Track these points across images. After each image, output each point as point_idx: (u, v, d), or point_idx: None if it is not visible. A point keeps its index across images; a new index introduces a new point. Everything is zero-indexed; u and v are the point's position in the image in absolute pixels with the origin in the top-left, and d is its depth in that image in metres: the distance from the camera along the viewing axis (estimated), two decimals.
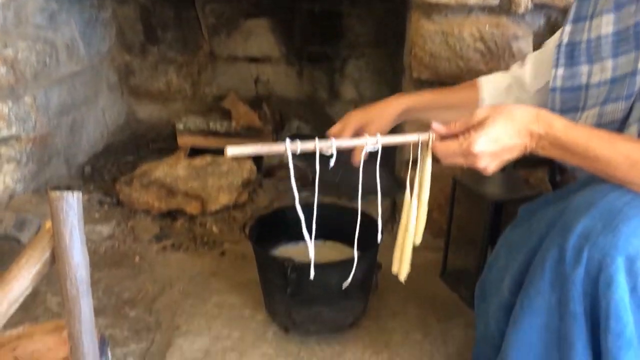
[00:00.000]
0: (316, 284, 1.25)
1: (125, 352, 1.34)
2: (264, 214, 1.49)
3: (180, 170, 1.87)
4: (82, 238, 0.80)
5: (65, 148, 2.19)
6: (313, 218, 0.90)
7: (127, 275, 1.66)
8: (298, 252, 1.48)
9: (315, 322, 1.32)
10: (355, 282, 1.29)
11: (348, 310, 1.33)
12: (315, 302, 1.28)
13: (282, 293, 1.27)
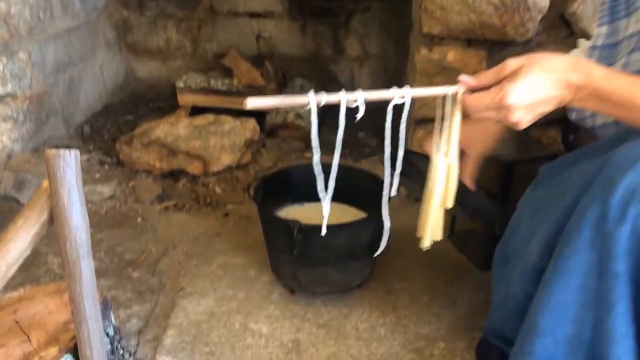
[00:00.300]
0: (323, 245, 1.23)
1: (129, 313, 1.32)
2: (268, 175, 1.45)
3: (181, 130, 1.82)
4: (81, 198, 0.76)
5: (63, 107, 2.14)
6: (331, 175, 0.84)
7: (129, 236, 1.63)
8: (303, 214, 1.45)
9: (322, 283, 1.29)
10: (363, 244, 1.26)
11: (355, 272, 1.31)
12: (321, 263, 1.25)
13: (288, 254, 1.24)
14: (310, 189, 1.51)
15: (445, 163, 0.88)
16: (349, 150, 2.11)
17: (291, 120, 2.08)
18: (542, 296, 0.83)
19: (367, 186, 1.40)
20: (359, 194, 1.43)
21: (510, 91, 0.76)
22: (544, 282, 0.83)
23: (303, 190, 1.47)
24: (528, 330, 0.85)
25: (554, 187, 0.91)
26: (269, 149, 1.99)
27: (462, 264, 1.48)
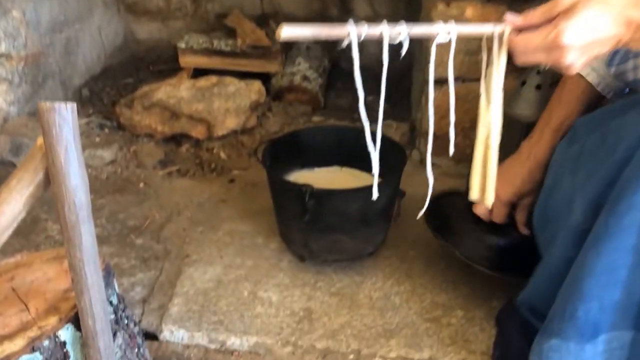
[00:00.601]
0: (336, 211, 1.17)
1: (133, 281, 1.27)
2: (277, 138, 1.38)
3: (184, 92, 1.75)
4: (79, 156, 0.70)
5: (60, 69, 2.06)
6: (382, 95, 0.75)
7: (131, 202, 1.57)
8: (313, 179, 1.38)
9: (333, 251, 1.24)
10: (377, 209, 1.20)
11: (368, 239, 1.25)
12: (333, 230, 1.19)
13: (298, 221, 1.18)
14: (320, 153, 1.46)
15: (489, 111, 0.79)
16: (358, 114, 2.02)
17: (298, 83, 2.00)
18: (587, 258, 0.76)
19: (381, 150, 1.33)
20: (367, 155, 1.36)
21: (566, 29, 0.67)
22: (589, 244, 0.76)
23: (313, 154, 1.40)
24: (569, 296, 0.80)
25: (598, 141, 0.84)
26: (275, 112, 1.91)
27: None
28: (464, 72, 1.51)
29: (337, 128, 1.45)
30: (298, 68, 2.07)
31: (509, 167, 1.17)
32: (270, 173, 1.24)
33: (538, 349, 0.88)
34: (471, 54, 1.47)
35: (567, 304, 0.80)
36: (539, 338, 0.88)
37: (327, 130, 1.42)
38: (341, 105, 2.13)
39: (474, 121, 1.56)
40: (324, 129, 1.42)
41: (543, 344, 0.87)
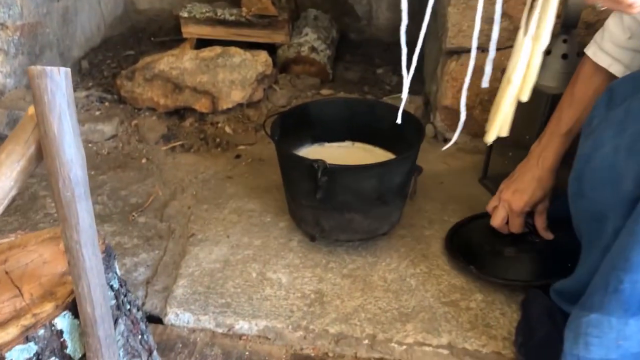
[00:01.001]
0: (349, 188, 1.10)
1: (136, 261, 1.22)
2: (287, 111, 1.31)
3: (187, 63, 1.67)
4: (74, 127, 0.63)
5: (58, 40, 1.98)
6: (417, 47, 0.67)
7: (133, 179, 1.51)
8: (324, 154, 1.32)
9: (346, 230, 1.17)
10: (393, 187, 1.14)
11: (383, 218, 1.18)
12: (347, 208, 1.13)
13: (310, 198, 1.12)
14: (331, 128, 1.38)
15: (531, 47, 0.70)
16: (368, 87, 1.95)
17: (305, 54, 1.92)
18: (638, 226, 0.70)
19: (395, 124, 1.26)
20: (387, 133, 1.29)
21: None
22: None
23: (324, 129, 1.33)
24: (614, 267, 0.73)
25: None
26: (282, 85, 1.83)
27: None
28: (482, 41, 1.42)
29: (349, 101, 1.38)
30: (305, 39, 1.98)
31: (520, 176, 1.16)
32: (280, 147, 1.17)
33: (575, 324, 0.82)
34: (491, 22, 1.38)
35: (612, 275, 0.74)
36: (576, 313, 0.82)
37: (338, 103, 1.34)
38: (350, 78, 2.05)
39: (493, 94, 1.48)
40: (335, 102, 1.35)
41: (581, 319, 0.81)
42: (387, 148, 1.32)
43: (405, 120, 1.22)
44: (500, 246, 1.18)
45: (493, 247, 1.18)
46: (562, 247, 1.18)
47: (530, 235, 1.19)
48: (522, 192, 1.13)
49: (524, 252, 1.17)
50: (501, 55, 1.49)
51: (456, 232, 1.26)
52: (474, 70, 1.42)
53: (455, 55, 1.48)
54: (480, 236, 1.23)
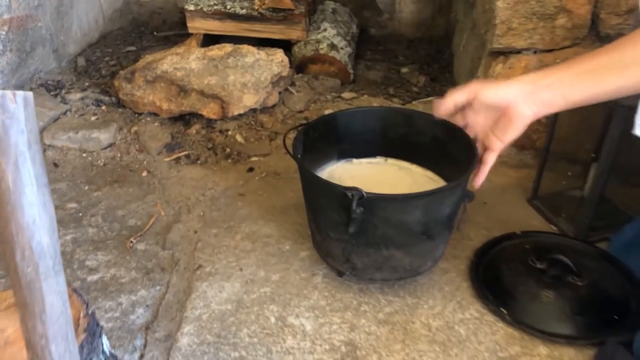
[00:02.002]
0: (390, 222, 0.91)
1: (133, 300, 1.04)
2: (311, 123, 1.11)
3: (193, 63, 1.48)
4: (39, 175, 0.45)
5: (52, 35, 1.80)
6: None
7: (132, 196, 1.33)
8: (352, 173, 1.14)
9: (383, 269, 0.99)
10: (441, 218, 0.95)
11: (427, 254, 1.00)
12: (385, 244, 0.94)
13: (339, 231, 0.94)
14: (361, 142, 1.13)
15: None
16: (394, 89, 1.76)
17: (324, 52, 1.73)
18: None
19: (437, 139, 1.07)
20: (427, 149, 1.10)
21: None
22: None
23: (351, 143, 1.15)
24: None
25: None
26: (298, 87, 1.65)
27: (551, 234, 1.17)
28: (535, 41, 1.23)
29: (382, 110, 1.19)
30: (324, 34, 1.79)
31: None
32: (305, 169, 0.98)
33: None
34: (546, 18, 1.19)
35: None
36: None
37: (369, 113, 1.15)
38: (373, 78, 1.86)
39: None
40: (366, 111, 1.16)
41: None
42: (427, 166, 1.13)
43: (450, 133, 1.04)
44: (537, 288, 1.00)
45: (528, 288, 1.00)
46: (610, 291, 1.00)
47: (572, 276, 1.01)
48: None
49: (564, 297, 0.98)
50: (556, 56, 1.31)
51: (481, 257, 1.08)
52: (522, 74, 1.19)
53: (501, 57, 1.29)
54: (512, 269, 1.05)
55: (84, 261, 1.13)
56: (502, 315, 0.97)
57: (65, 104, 1.62)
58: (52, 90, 1.70)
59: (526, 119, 0.89)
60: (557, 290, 0.99)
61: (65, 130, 1.49)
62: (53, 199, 1.22)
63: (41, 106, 1.57)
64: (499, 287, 1.02)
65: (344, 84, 1.75)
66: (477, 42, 1.51)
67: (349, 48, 1.83)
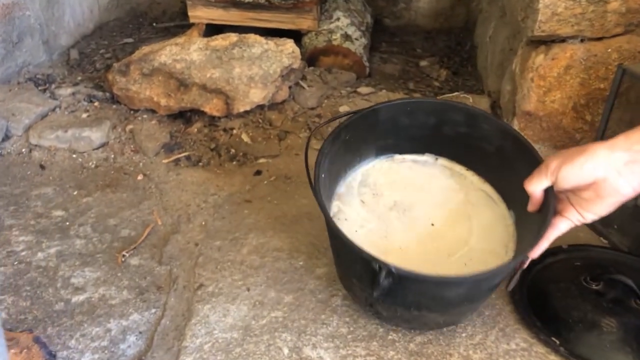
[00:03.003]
0: (425, 295, 0.77)
1: (124, 326, 0.90)
2: (344, 124, 0.91)
3: (195, 54, 1.33)
4: None
5: (41, 25, 1.66)
6: None
7: (126, 202, 1.19)
8: (391, 175, 0.97)
9: (412, 322, 0.85)
10: (489, 289, 0.81)
11: (467, 312, 0.86)
12: (418, 308, 0.79)
13: (364, 284, 0.79)
14: (407, 136, 0.95)
15: None
16: (414, 84, 1.61)
17: (338, 43, 1.58)
18: None
19: (503, 150, 0.91)
20: (490, 158, 0.93)
21: None
22: None
23: (395, 137, 0.98)
24: None
25: None
26: (310, 82, 1.50)
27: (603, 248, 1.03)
28: (583, 27, 1.08)
29: (437, 104, 1.00)
30: (337, 24, 1.64)
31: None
32: (332, 226, 0.77)
33: None
34: (597, 1, 1.04)
35: None
36: None
37: (420, 105, 0.96)
38: (390, 72, 1.72)
39: (591, 97, 1.14)
40: (417, 103, 0.97)
41: None
42: (486, 178, 0.95)
43: (522, 150, 0.85)
44: (595, 314, 0.85)
45: (584, 315, 0.86)
46: None
47: (636, 301, 0.86)
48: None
49: (629, 326, 0.84)
50: (606, 45, 1.16)
51: (524, 276, 0.93)
52: (567, 66, 1.04)
53: (542, 47, 1.14)
54: (562, 291, 0.90)
55: (69, 278, 0.99)
56: (554, 346, 0.83)
57: (54, 99, 1.48)
58: (41, 85, 1.56)
59: (623, 197, 0.70)
60: (619, 317, 0.85)
61: (53, 128, 1.35)
62: (37, 206, 1.08)
63: (27, 102, 1.43)
64: (548, 312, 0.88)
65: (359, 78, 1.61)
66: (509, 31, 1.37)
67: (364, 39, 1.68)
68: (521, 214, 0.85)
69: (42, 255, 1.04)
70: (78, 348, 0.86)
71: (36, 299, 0.94)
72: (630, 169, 0.67)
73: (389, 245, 0.85)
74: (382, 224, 0.89)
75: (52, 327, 0.89)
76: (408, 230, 0.88)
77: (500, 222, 0.87)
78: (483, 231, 0.86)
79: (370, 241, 0.83)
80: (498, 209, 0.90)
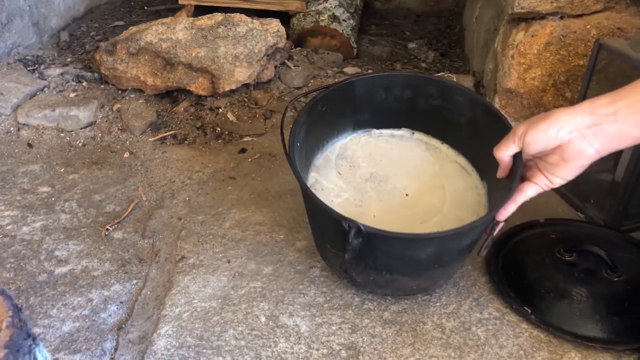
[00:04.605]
0: (394, 256, 0.78)
1: (106, 296, 0.91)
2: (319, 96, 0.92)
3: (180, 33, 1.34)
4: None
5: (31, 7, 1.67)
6: None
7: (112, 179, 1.20)
8: (369, 149, 0.98)
9: (385, 287, 0.86)
10: (458, 251, 0.82)
11: (439, 278, 0.87)
12: (388, 271, 0.81)
13: (337, 248, 0.80)
14: (383, 110, 0.96)
15: None
16: (401, 65, 1.62)
17: (325, 24, 1.59)
18: None
19: (476, 122, 0.92)
20: (464, 130, 0.95)
21: None
22: None
23: (372, 112, 0.99)
24: None
25: None
26: (296, 61, 1.51)
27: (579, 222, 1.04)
28: (562, 4, 1.09)
29: (414, 77, 1.00)
30: (325, 5, 1.65)
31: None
32: (303, 185, 0.79)
33: None
34: None
35: None
36: None
37: (396, 80, 0.97)
38: (378, 53, 1.72)
39: (571, 74, 1.15)
40: (393, 77, 0.98)
41: None
42: (460, 149, 0.97)
43: (493, 119, 0.85)
44: (567, 284, 0.87)
45: (556, 285, 0.87)
46: None
47: (607, 271, 0.88)
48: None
49: (599, 295, 0.86)
50: (585, 22, 1.17)
51: (501, 248, 0.96)
52: (547, 42, 1.05)
53: (523, 24, 1.15)
54: (536, 262, 0.92)
55: (53, 251, 1.00)
56: (526, 315, 0.85)
57: (43, 79, 1.49)
58: (30, 66, 1.56)
59: (587, 159, 0.70)
60: (590, 286, 0.86)
61: (41, 107, 1.37)
62: (24, 182, 1.09)
63: (16, 82, 1.44)
64: (521, 283, 0.90)
65: (347, 58, 1.62)
66: (493, 11, 1.37)
67: (352, 21, 1.69)
68: (493, 184, 0.86)
69: (27, 229, 1.06)
70: (59, 317, 0.87)
71: (19, 271, 0.96)
72: (593, 131, 0.68)
73: (363, 213, 0.87)
74: (357, 193, 0.90)
75: (34, 297, 0.91)
76: (383, 199, 0.89)
77: (472, 192, 0.89)
78: (455, 200, 0.88)
79: (345, 210, 0.84)
80: (471, 179, 0.91)
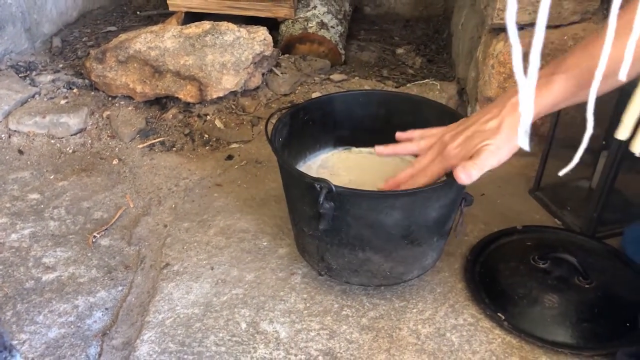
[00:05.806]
0: (364, 221, 0.81)
1: (92, 303, 0.94)
2: (301, 105, 0.98)
3: (168, 41, 1.36)
4: None
5: (23, 13, 1.69)
6: None
7: (100, 186, 1.23)
8: (347, 164, 1.02)
9: (359, 273, 0.88)
10: (426, 222, 0.84)
11: (412, 262, 0.89)
12: (360, 246, 0.84)
13: (313, 227, 0.83)
14: (362, 129, 1.00)
15: None
16: (388, 71, 1.64)
17: (313, 31, 1.61)
18: None
19: (434, 123, 0.95)
20: None
21: None
22: None
23: (351, 129, 1.03)
24: None
25: None
26: (284, 69, 1.53)
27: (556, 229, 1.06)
28: (534, 17, 1.11)
29: (387, 95, 1.04)
30: (313, 12, 1.67)
31: None
32: (278, 155, 0.86)
33: None
34: None
35: None
36: None
37: (372, 97, 1.01)
38: (366, 59, 1.74)
39: None
40: (369, 95, 1.02)
41: None
42: None
43: (452, 120, 0.91)
44: (539, 291, 0.90)
45: (529, 292, 0.90)
46: (621, 295, 0.90)
47: (579, 278, 0.90)
48: None
49: (570, 302, 0.88)
50: (563, 33, 1.19)
51: (478, 255, 0.98)
52: (526, 53, 1.06)
53: (503, 34, 1.17)
54: (511, 269, 0.95)
55: (41, 258, 1.03)
56: (499, 321, 0.87)
57: (34, 86, 1.51)
58: (22, 72, 1.59)
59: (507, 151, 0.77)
60: (561, 293, 0.89)
61: (32, 114, 1.39)
62: (14, 189, 1.11)
63: (7, 89, 1.46)
64: (497, 289, 0.92)
65: (334, 65, 1.64)
66: (477, 19, 1.40)
67: (340, 27, 1.71)
68: None
69: (16, 237, 1.08)
70: (45, 323, 0.90)
71: (7, 278, 0.98)
72: None
73: None
74: None
75: (21, 304, 0.93)
76: None
77: None
78: None
79: None
80: None
